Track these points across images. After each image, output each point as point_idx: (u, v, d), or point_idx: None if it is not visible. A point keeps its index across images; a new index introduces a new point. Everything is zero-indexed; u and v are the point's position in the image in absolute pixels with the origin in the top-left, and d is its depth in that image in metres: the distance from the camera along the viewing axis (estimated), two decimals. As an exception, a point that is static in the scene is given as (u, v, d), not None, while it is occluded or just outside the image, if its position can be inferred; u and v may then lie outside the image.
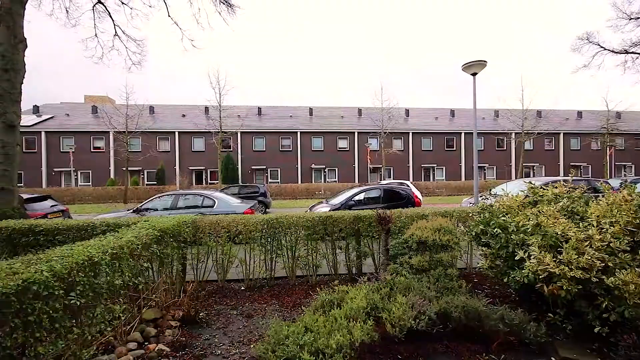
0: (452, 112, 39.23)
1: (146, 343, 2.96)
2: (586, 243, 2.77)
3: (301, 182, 31.10)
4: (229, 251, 4.64)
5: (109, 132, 27.94)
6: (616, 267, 2.69)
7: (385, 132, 28.36)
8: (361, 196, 9.49)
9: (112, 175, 29.20)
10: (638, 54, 15.58)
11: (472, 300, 3.04)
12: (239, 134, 31.22)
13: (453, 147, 34.27)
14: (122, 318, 2.85)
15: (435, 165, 33.66)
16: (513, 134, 31.65)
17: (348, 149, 33.16)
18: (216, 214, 5.27)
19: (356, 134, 33.12)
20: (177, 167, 30.36)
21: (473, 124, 8.52)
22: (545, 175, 32.96)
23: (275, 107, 39.42)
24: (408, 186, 14.62)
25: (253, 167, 31.60)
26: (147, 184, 29.20)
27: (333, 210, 7.87)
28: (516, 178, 26.47)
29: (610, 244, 2.75)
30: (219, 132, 24.31)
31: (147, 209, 8.49)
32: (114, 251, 2.73)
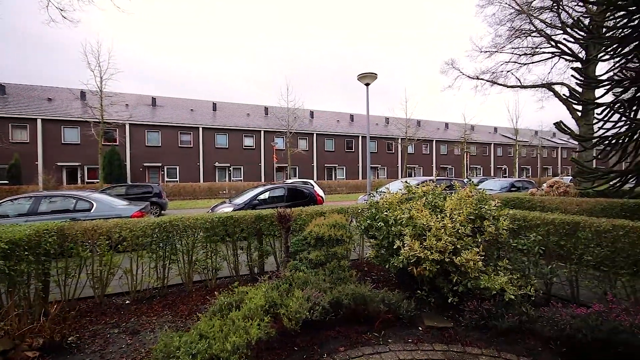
0: (352, 117, 42.82)
1: (-14, 385, 2.36)
2: (442, 231, 3.45)
3: (203, 181, 29.06)
4: (109, 261, 4.04)
5: None
6: (462, 248, 3.42)
7: (291, 132, 28.94)
8: (265, 195, 9.50)
9: None
10: (485, 80, 19.83)
11: (359, 287, 3.42)
12: (127, 126, 27.14)
13: (352, 149, 37.32)
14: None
15: (336, 165, 36.05)
16: (399, 139, 36.50)
17: (254, 147, 32.55)
18: (94, 219, 4.50)
19: (262, 132, 32.78)
20: (39, 162, 24.50)
21: (367, 129, 9.51)
22: (423, 175, 39.14)
23: (174, 99, 35.89)
24: (312, 185, 15.33)
25: (146, 164, 27.93)
26: (-9, 184, 22.66)
27: (237, 210, 7.67)
28: (401, 177, 30.64)
29: (459, 231, 3.49)
30: (100, 122, 20.61)
31: (-10, 216, 6.64)
32: None
